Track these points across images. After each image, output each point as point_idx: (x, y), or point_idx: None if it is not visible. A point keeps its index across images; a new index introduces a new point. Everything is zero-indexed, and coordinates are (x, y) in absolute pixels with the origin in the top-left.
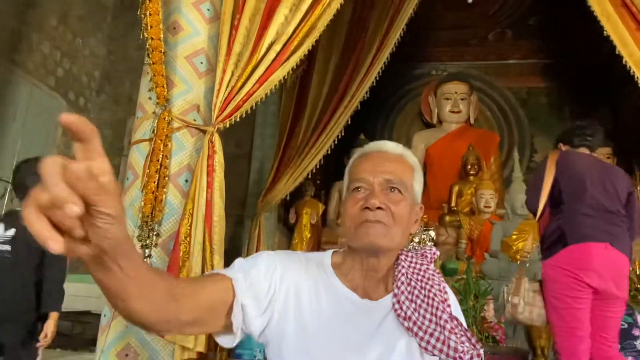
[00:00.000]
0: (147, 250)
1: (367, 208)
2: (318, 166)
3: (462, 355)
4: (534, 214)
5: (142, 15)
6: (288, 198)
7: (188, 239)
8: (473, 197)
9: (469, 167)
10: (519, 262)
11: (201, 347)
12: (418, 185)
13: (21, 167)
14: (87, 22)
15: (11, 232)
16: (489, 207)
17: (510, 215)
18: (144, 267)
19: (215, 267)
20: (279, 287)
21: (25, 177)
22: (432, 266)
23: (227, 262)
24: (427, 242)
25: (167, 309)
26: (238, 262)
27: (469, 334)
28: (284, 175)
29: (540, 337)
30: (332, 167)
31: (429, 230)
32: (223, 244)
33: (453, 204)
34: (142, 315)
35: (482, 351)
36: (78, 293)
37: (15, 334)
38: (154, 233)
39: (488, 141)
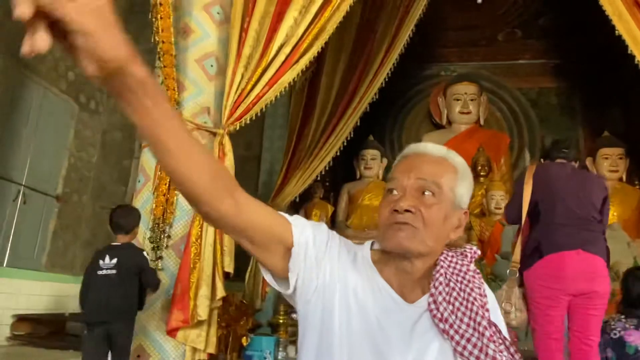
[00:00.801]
0: (158, 252)
1: (395, 211)
2: (327, 168)
3: None
4: (513, 224)
5: (153, 19)
6: (297, 200)
7: (199, 240)
8: (483, 199)
9: (479, 168)
10: (509, 272)
11: (212, 349)
12: (463, 189)
13: (117, 210)
14: None
15: (114, 260)
16: (500, 208)
17: None
18: (178, 122)
19: (226, 269)
20: (329, 263)
21: (120, 218)
22: (472, 266)
23: (238, 264)
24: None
25: (220, 197)
26: (301, 218)
27: (507, 343)
28: (293, 177)
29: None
30: (341, 169)
31: None
32: (234, 246)
33: None
34: (190, 182)
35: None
36: None
37: (120, 329)
38: (165, 235)
39: (498, 142)
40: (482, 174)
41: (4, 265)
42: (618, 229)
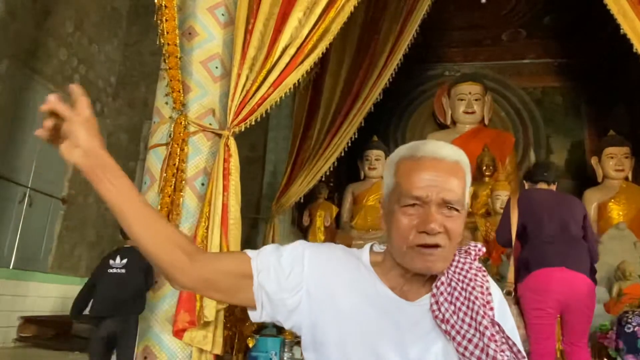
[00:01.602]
0: None
1: (424, 232)
2: (331, 168)
3: None
4: (505, 247)
5: (159, 21)
6: (302, 200)
7: (205, 242)
8: (489, 199)
9: (484, 168)
10: (504, 291)
11: (218, 350)
12: (468, 189)
13: None
14: (102, 28)
15: (124, 261)
16: None
17: None
18: (135, 194)
19: None
20: (310, 279)
21: None
22: (476, 264)
23: None
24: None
25: (178, 257)
26: (268, 246)
27: (510, 342)
28: (298, 178)
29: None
30: (345, 170)
31: None
32: (240, 247)
33: (468, 205)
34: (149, 247)
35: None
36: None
37: (125, 325)
38: None
39: (503, 141)
40: (487, 173)
41: (11, 267)
42: (624, 228)
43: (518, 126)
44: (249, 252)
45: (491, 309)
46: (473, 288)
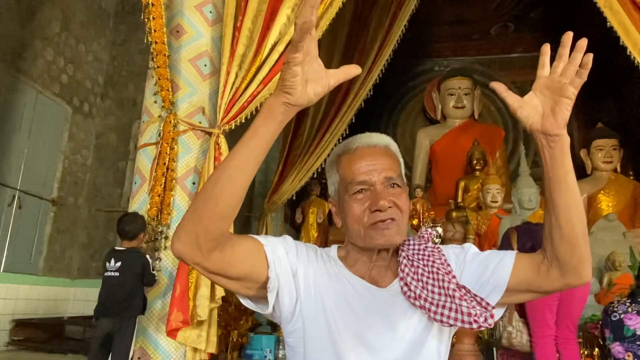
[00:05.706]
0: (155, 253)
1: (377, 210)
2: (323, 165)
3: (476, 318)
4: None
5: (146, 19)
6: (294, 198)
7: None
8: (479, 192)
9: (475, 162)
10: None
11: (212, 349)
12: (402, 168)
13: (123, 218)
14: (89, 28)
15: (118, 264)
16: (496, 201)
17: (517, 209)
18: (253, 168)
19: None
20: (302, 271)
21: (126, 225)
22: (430, 244)
23: None
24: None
25: (222, 231)
26: (264, 236)
27: (478, 298)
28: (290, 176)
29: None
30: None
31: (436, 226)
32: None
33: (459, 199)
34: (223, 202)
35: (494, 312)
36: (88, 298)
37: (121, 326)
38: (163, 236)
39: (493, 135)
40: (477, 168)
41: (1, 270)
42: (614, 219)
43: (508, 120)
44: (260, 240)
45: (454, 276)
46: (433, 262)
